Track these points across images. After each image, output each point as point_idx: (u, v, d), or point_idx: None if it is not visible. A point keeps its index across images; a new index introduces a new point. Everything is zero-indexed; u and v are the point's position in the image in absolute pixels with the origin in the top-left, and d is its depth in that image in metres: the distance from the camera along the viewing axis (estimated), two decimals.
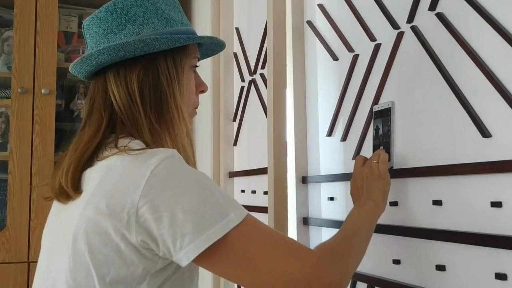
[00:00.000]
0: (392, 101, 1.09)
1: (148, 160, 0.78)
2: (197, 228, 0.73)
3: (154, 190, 0.75)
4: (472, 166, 0.87)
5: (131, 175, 0.77)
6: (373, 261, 1.14)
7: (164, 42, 0.87)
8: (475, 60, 0.88)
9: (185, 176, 0.78)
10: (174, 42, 0.89)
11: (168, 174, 0.77)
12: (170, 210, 0.74)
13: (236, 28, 1.97)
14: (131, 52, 0.87)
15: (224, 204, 0.76)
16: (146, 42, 0.86)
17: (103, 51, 0.87)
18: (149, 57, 0.89)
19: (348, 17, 1.27)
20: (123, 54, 0.87)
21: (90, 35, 0.93)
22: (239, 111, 1.90)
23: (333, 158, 1.33)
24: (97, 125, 0.89)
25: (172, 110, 0.89)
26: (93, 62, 0.89)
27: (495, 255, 0.82)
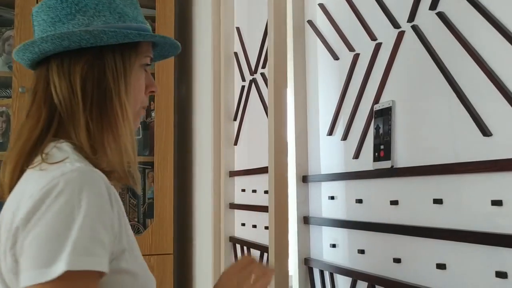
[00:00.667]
0: (393, 100, 1.10)
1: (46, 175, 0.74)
2: (29, 261, 0.69)
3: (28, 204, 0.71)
4: (473, 164, 0.87)
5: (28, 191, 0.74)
6: (374, 260, 1.15)
7: (112, 36, 0.83)
8: (475, 59, 0.88)
9: (61, 201, 0.70)
10: (123, 37, 0.85)
11: (49, 191, 0.71)
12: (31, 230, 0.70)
13: (236, 28, 1.98)
14: (76, 43, 0.83)
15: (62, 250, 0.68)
16: (92, 33, 0.82)
17: (46, 39, 0.82)
18: (96, 51, 0.85)
19: (349, 16, 1.27)
20: (67, 44, 0.83)
21: (38, 22, 0.87)
22: (239, 110, 1.91)
23: (333, 157, 1.33)
24: (36, 119, 0.84)
25: (116, 108, 0.85)
26: (35, 50, 0.84)
27: (495, 253, 0.83)
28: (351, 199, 1.24)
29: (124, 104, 0.86)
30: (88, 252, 0.70)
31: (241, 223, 1.87)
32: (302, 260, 1.43)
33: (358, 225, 1.19)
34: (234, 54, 1.99)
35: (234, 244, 1.91)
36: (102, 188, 0.74)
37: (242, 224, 1.86)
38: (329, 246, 1.33)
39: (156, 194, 2.24)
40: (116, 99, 0.85)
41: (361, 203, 1.19)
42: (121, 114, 0.85)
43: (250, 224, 1.76)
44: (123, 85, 0.86)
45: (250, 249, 1.75)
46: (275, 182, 1.45)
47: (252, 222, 1.75)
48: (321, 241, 1.38)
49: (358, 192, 1.21)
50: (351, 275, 1.20)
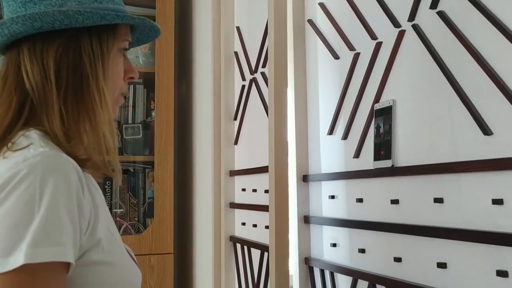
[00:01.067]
0: (393, 99, 1.10)
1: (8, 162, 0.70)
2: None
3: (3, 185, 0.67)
4: (474, 163, 0.87)
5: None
6: (374, 259, 1.15)
7: (88, 17, 0.78)
8: (476, 58, 0.88)
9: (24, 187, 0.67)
10: (100, 18, 0.79)
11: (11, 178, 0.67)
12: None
13: (237, 27, 1.98)
14: (49, 24, 0.77)
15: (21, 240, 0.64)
16: (67, 14, 0.77)
17: (17, 20, 0.77)
18: (71, 33, 0.80)
19: (349, 15, 1.27)
20: (39, 25, 0.77)
21: (6, 2, 0.82)
22: (240, 110, 1.90)
23: (334, 156, 1.33)
24: (7, 106, 0.79)
25: (93, 94, 0.80)
26: (5, 32, 0.79)
27: (496, 252, 0.83)
28: (351, 198, 1.24)
29: (102, 89, 0.81)
30: (51, 242, 0.65)
31: (241, 222, 1.87)
32: (303, 259, 1.43)
33: (359, 224, 1.19)
34: (234, 53, 1.99)
35: (235, 244, 1.91)
36: (70, 173, 0.71)
37: (243, 224, 1.86)
38: (329, 246, 1.33)
39: (156, 193, 2.24)
40: (94, 85, 0.80)
41: (361, 202, 1.19)
42: (99, 100, 0.80)
43: (251, 224, 1.76)
44: (100, 70, 0.81)
45: (250, 248, 1.75)
46: (276, 181, 1.45)
47: (253, 222, 1.75)
48: (322, 240, 1.38)
49: (359, 191, 1.21)
50: (351, 274, 1.20)
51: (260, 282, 1.64)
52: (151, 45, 2.33)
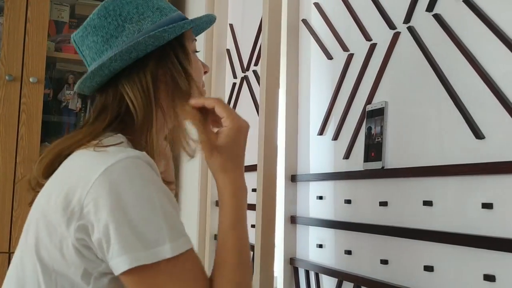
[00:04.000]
0: (386, 101, 1.09)
1: (107, 157, 0.74)
2: (127, 244, 0.70)
3: (102, 190, 0.71)
4: (465, 167, 0.87)
5: (86, 171, 0.74)
6: (361, 261, 1.14)
7: (172, 32, 0.85)
8: (471, 62, 0.88)
9: (138, 184, 0.73)
10: (180, 29, 0.86)
11: (121, 176, 0.72)
12: (110, 215, 0.70)
13: (230, 24, 1.97)
14: (143, 51, 0.84)
15: (165, 231, 0.71)
16: (155, 36, 0.83)
17: (115, 58, 0.82)
18: (158, 52, 0.86)
19: (344, 16, 1.27)
20: (135, 55, 0.83)
21: (87, 46, 0.87)
22: None
23: (323, 157, 1.33)
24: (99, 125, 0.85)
25: (193, 90, 0.88)
26: (105, 72, 0.84)
27: (484, 256, 0.82)
28: (339, 199, 1.23)
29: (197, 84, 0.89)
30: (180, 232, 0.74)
31: None
32: (288, 260, 1.42)
33: (346, 226, 1.18)
34: (226, 50, 1.98)
35: None
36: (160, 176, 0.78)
37: None
38: (315, 246, 1.32)
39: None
40: (192, 82, 0.88)
41: (349, 203, 1.19)
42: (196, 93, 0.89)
43: None
44: (190, 70, 0.89)
45: None
46: (264, 180, 1.44)
47: None
48: (308, 241, 1.37)
49: (347, 192, 1.21)
50: (337, 275, 1.20)
51: None
52: None
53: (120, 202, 0.70)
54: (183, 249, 0.72)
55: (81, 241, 0.73)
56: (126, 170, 0.72)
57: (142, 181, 0.73)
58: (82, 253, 0.74)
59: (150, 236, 0.70)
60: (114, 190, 0.71)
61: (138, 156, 0.75)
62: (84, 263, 0.74)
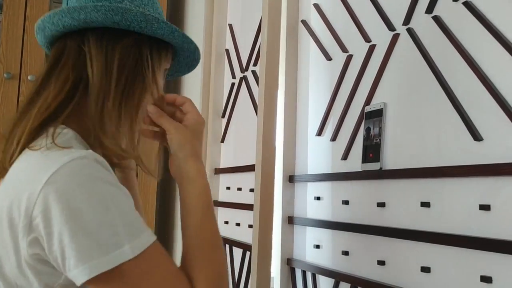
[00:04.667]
0: (385, 102, 1.09)
1: (51, 163, 0.69)
2: (84, 253, 0.66)
3: (49, 201, 0.66)
4: (463, 168, 0.87)
5: (30, 180, 0.69)
6: (358, 261, 1.14)
7: (162, 27, 0.81)
8: (470, 64, 0.88)
9: (87, 187, 0.68)
10: (170, 32, 0.82)
11: (67, 182, 0.67)
12: (59, 226, 0.66)
13: (229, 24, 1.97)
14: (127, 22, 0.78)
15: (122, 233, 0.68)
16: (147, 18, 0.79)
17: (99, 8, 0.76)
18: (136, 39, 0.81)
19: (344, 17, 1.27)
20: (118, 20, 0.77)
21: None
22: (228, 107, 1.89)
23: (321, 157, 1.33)
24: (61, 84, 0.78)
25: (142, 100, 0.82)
26: (81, 17, 0.77)
27: (481, 257, 0.83)
28: (337, 200, 1.23)
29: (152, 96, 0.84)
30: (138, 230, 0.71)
31: (224, 221, 1.86)
32: (285, 260, 1.42)
33: (343, 226, 1.19)
34: (225, 50, 1.98)
35: None
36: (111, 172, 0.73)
37: (225, 222, 1.84)
38: (312, 247, 1.32)
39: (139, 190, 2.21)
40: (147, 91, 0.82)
41: (347, 204, 1.19)
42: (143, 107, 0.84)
43: (234, 222, 1.75)
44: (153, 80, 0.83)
45: (232, 247, 1.74)
46: (262, 180, 1.44)
47: (236, 220, 1.73)
48: (305, 241, 1.37)
49: (345, 193, 1.21)
50: (334, 276, 1.20)
51: (241, 281, 1.63)
52: None
53: (70, 210, 0.66)
54: (145, 246, 0.70)
55: (36, 256, 0.69)
56: (71, 175, 0.68)
57: (91, 182, 0.68)
58: (39, 269, 0.70)
59: (106, 240, 0.67)
60: (62, 198, 0.66)
61: (84, 155, 0.70)
62: (44, 279, 0.71)
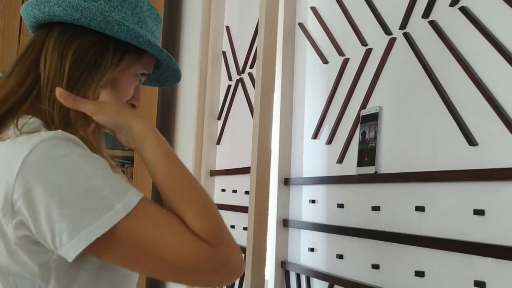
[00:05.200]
0: (380, 106, 1.10)
1: (21, 146, 0.69)
2: (76, 224, 0.66)
3: (27, 183, 0.67)
4: (457, 173, 0.87)
5: (4, 166, 0.69)
6: (352, 265, 1.14)
7: (123, 30, 0.81)
8: (466, 69, 0.89)
9: (63, 163, 0.69)
10: (133, 37, 0.82)
11: (42, 162, 0.68)
12: (45, 204, 0.66)
13: (226, 27, 1.97)
14: (86, 19, 0.79)
15: (109, 194, 0.68)
16: (106, 18, 0.80)
17: (61, 3, 0.79)
18: (101, 37, 0.81)
19: (341, 21, 1.27)
20: (78, 16, 0.79)
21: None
22: (224, 109, 1.89)
23: (317, 160, 1.33)
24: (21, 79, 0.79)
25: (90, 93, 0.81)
26: (45, 9, 0.80)
27: (475, 262, 0.83)
28: (332, 203, 1.23)
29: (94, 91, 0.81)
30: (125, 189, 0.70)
31: None
32: (279, 263, 1.42)
33: (338, 230, 1.19)
34: (222, 52, 1.98)
35: None
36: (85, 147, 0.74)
37: None
38: (307, 250, 1.32)
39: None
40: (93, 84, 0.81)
41: (342, 207, 1.19)
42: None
43: (229, 225, 1.74)
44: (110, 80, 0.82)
45: None
46: (257, 183, 1.44)
47: (231, 223, 1.73)
48: (300, 244, 1.37)
49: (340, 196, 1.21)
50: (328, 279, 1.20)
51: (235, 284, 1.63)
52: None
53: (52, 187, 0.67)
54: (135, 201, 0.69)
55: (25, 238, 0.70)
56: (45, 154, 0.69)
57: (65, 157, 0.69)
58: (30, 249, 0.70)
59: (96, 205, 0.67)
60: (40, 177, 0.67)
61: (53, 136, 0.71)
62: (37, 259, 0.71)
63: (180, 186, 0.76)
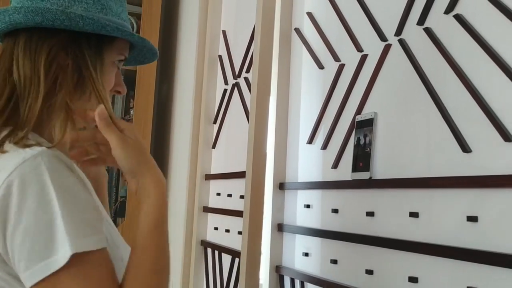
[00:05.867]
0: (375, 112, 1.10)
1: (5, 166, 0.69)
2: (30, 257, 0.67)
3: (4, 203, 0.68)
4: (451, 180, 0.88)
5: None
6: (346, 270, 1.14)
7: (89, 23, 0.78)
8: (459, 76, 0.89)
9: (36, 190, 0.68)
10: (100, 27, 0.80)
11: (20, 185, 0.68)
12: (14, 228, 0.67)
13: (223, 31, 1.97)
14: (49, 21, 0.77)
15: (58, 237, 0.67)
16: (69, 16, 0.77)
17: (19, 10, 0.77)
18: (70, 35, 0.80)
19: (336, 26, 1.28)
20: (40, 20, 0.77)
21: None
22: (220, 113, 1.90)
23: (312, 165, 1.33)
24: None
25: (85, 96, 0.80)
26: (5, 19, 0.78)
27: (468, 269, 0.83)
28: (327, 208, 1.24)
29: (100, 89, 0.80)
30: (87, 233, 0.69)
31: (214, 227, 1.86)
32: (274, 267, 1.42)
33: (332, 235, 1.19)
34: (218, 57, 1.98)
35: (206, 248, 1.89)
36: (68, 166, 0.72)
37: (215, 228, 1.84)
38: (301, 255, 1.32)
39: (129, 192, 2.21)
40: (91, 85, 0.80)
41: (336, 213, 1.19)
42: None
43: (223, 229, 1.75)
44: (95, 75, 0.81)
45: (221, 253, 1.74)
46: (252, 187, 1.44)
47: (225, 227, 1.73)
48: (294, 249, 1.37)
49: (335, 201, 1.21)
50: (322, 284, 1.20)
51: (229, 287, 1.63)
52: None
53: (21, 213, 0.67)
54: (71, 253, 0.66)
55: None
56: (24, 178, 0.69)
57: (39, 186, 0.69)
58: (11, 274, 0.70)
59: (41, 248, 0.67)
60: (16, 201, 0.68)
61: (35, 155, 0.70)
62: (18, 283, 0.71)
63: (147, 265, 0.75)
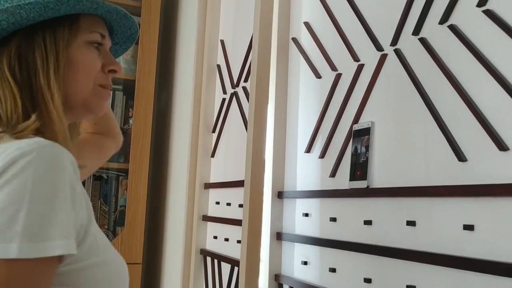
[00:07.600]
0: (372, 121, 1.11)
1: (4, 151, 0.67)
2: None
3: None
4: (447, 188, 0.88)
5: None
6: (345, 279, 1.15)
7: (30, 10, 0.73)
8: (454, 86, 0.90)
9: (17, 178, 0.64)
10: (43, 8, 0.74)
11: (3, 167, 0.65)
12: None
13: (221, 40, 1.98)
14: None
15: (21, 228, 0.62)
16: (8, 11, 0.73)
17: None
18: (25, 31, 0.76)
19: (333, 36, 1.29)
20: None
21: None
22: (219, 122, 1.90)
23: (310, 174, 1.34)
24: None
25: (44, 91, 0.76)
26: None
27: (465, 277, 0.84)
28: (325, 217, 1.24)
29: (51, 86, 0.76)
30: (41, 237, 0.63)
31: (213, 235, 1.86)
32: (273, 276, 1.42)
33: (331, 244, 1.19)
34: (217, 66, 1.99)
35: (205, 257, 1.89)
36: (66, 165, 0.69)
37: (214, 237, 1.84)
38: (300, 263, 1.33)
39: (128, 202, 2.21)
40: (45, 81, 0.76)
41: (335, 221, 1.20)
42: (50, 97, 0.76)
43: (222, 237, 1.75)
44: (52, 64, 0.77)
45: (221, 262, 1.74)
46: (251, 196, 1.44)
47: (225, 236, 1.73)
48: (293, 257, 1.38)
49: (333, 210, 1.22)
50: None
51: None
52: (134, 52, 2.32)
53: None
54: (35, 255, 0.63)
55: None
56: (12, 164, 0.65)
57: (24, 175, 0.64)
58: None
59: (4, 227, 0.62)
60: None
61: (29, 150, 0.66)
62: None
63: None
